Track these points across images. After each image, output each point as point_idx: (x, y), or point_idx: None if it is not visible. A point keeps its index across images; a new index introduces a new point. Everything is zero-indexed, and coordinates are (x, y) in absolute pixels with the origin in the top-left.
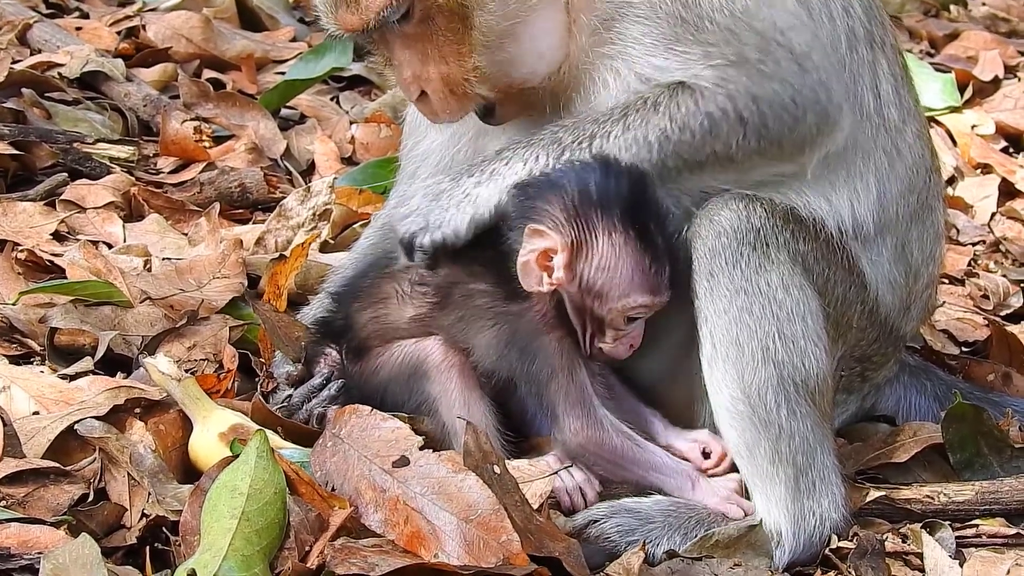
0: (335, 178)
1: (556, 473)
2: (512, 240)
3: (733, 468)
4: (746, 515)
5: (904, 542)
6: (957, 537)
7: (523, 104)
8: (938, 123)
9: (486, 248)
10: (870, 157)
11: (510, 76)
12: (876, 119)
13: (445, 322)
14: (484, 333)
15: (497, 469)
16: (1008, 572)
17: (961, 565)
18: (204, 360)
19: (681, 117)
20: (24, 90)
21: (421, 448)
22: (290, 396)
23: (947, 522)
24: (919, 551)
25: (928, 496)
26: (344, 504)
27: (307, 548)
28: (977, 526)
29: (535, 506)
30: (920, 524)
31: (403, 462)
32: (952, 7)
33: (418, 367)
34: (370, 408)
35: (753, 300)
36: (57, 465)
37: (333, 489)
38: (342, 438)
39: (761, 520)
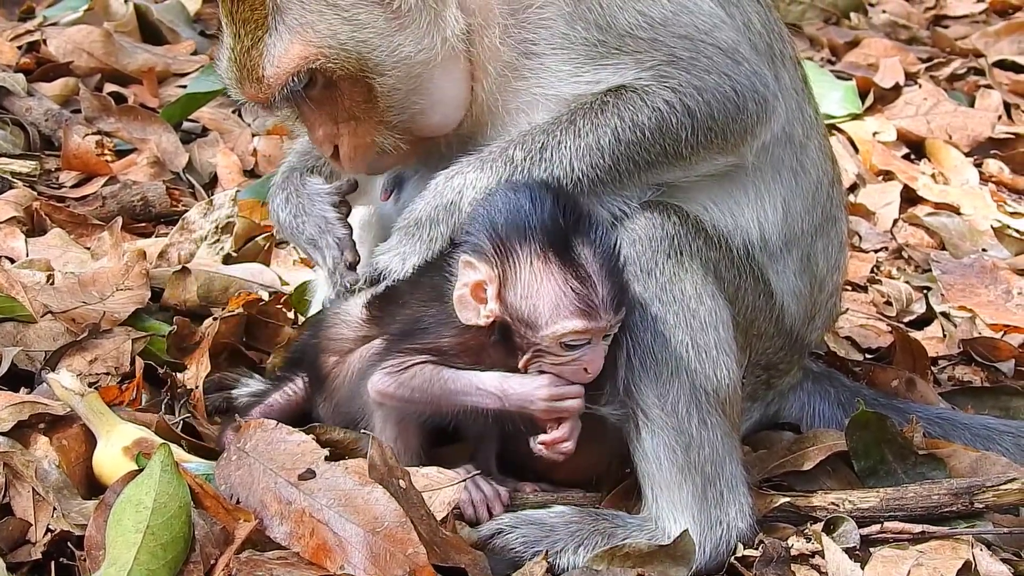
0: (238, 191)
1: (464, 481)
2: (452, 272)
3: None
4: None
5: (808, 542)
6: (863, 535)
7: (416, 152)
8: (840, 130)
9: (431, 274)
10: (778, 175)
11: (420, 128)
12: (782, 136)
13: (389, 329)
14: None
15: (403, 483)
16: (909, 573)
17: (863, 567)
18: (106, 373)
19: (631, 115)
20: None
21: (327, 460)
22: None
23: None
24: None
25: (833, 503)
26: (249, 517)
27: (212, 561)
28: (882, 523)
29: (443, 514)
30: (821, 525)
31: (309, 475)
32: (852, 15)
33: (364, 373)
34: (275, 422)
35: (668, 309)
36: None
37: (238, 502)
38: (247, 452)
39: (662, 528)
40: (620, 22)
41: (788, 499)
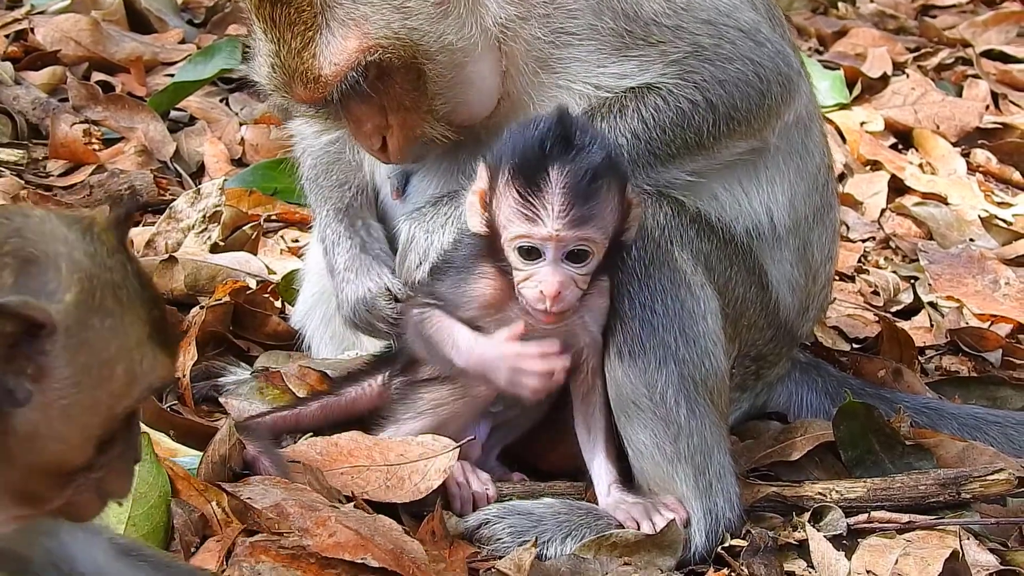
0: (225, 180)
1: (459, 447)
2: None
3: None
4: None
5: (795, 530)
6: (850, 524)
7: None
8: (828, 120)
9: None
10: (788, 157)
11: (460, 117)
12: (799, 115)
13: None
14: None
15: None
16: (896, 562)
17: (849, 557)
18: None
19: (651, 116)
20: None
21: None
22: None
23: (837, 505)
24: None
25: (820, 493)
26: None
27: (193, 550)
28: (869, 512)
29: (437, 482)
30: (808, 515)
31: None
32: (840, 4)
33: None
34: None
35: (656, 298)
36: None
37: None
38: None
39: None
40: (645, 10)
41: (776, 489)
